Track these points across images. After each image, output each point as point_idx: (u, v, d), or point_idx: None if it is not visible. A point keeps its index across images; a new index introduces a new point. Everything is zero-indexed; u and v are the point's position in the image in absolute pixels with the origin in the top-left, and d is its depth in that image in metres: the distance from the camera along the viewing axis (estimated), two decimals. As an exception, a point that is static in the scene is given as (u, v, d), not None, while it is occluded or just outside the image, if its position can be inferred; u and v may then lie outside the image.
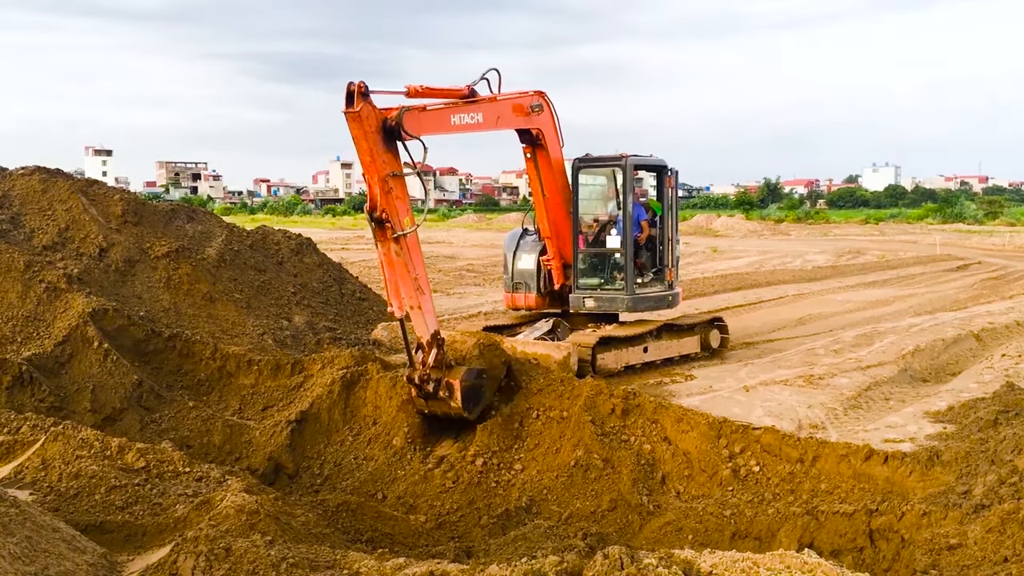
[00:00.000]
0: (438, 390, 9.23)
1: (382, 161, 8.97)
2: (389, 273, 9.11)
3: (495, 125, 11.41)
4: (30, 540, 5.30)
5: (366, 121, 8.87)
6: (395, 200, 8.96)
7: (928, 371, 13.16)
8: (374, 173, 8.88)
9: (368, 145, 8.89)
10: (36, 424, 8.70)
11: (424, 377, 9.19)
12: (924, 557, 6.23)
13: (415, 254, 9.19)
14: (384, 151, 9.04)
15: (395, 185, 9.03)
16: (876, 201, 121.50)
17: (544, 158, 12.69)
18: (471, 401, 9.41)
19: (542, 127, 12.33)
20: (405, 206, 9.09)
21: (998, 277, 27.01)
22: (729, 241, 47.34)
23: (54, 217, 14.36)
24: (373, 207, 8.90)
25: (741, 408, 10.46)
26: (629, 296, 12.99)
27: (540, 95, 12.19)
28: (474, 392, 9.50)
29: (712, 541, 7.33)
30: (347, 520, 7.73)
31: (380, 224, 8.94)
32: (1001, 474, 7.04)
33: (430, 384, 9.20)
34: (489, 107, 11.17)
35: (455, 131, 10.59)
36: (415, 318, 9.12)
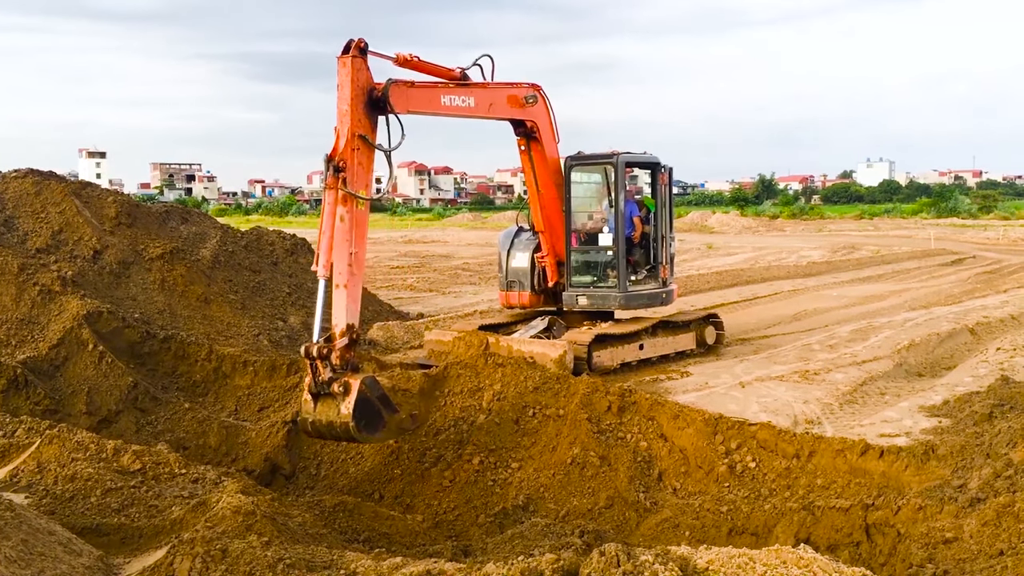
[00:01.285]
0: (332, 383, 8.18)
1: (357, 119, 8.83)
2: (326, 226, 8.57)
3: (487, 112, 11.36)
4: (26, 543, 5.29)
5: (355, 72, 8.82)
6: (357, 163, 8.71)
7: (923, 365, 13.18)
8: (346, 125, 8.74)
9: (351, 94, 8.78)
10: (31, 427, 8.67)
11: (323, 355, 8.17)
12: (920, 551, 6.24)
13: (360, 229, 8.77)
14: (363, 113, 8.93)
15: (362, 149, 8.81)
16: (870, 196, 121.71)
17: (539, 152, 12.66)
18: (364, 416, 8.17)
19: (536, 120, 12.30)
20: (365, 176, 8.84)
21: (992, 271, 27.07)
22: (724, 238, 47.37)
23: (48, 220, 14.34)
24: (334, 154, 8.63)
25: (737, 404, 10.48)
26: (622, 293, 13.00)
27: (535, 87, 12.18)
28: (370, 409, 8.26)
29: (709, 537, 7.33)
30: (344, 520, 7.72)
31: (336, 171, 8.59)
32: (996, 468, 7.05)
33: (327, 371, 8.18)
34: (483, 92, 11.10)
35: (444, 112, 10.53)
36: (337, 298, 8.51)
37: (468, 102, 10.75)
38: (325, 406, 8.26)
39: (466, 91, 10.75)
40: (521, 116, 12.11)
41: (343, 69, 8.83)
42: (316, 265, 8.55)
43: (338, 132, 8.79)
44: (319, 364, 8.22)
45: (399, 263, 31.48)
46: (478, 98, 10.97)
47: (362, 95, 8.91)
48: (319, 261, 8.51)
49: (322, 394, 8.27)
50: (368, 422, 8.27)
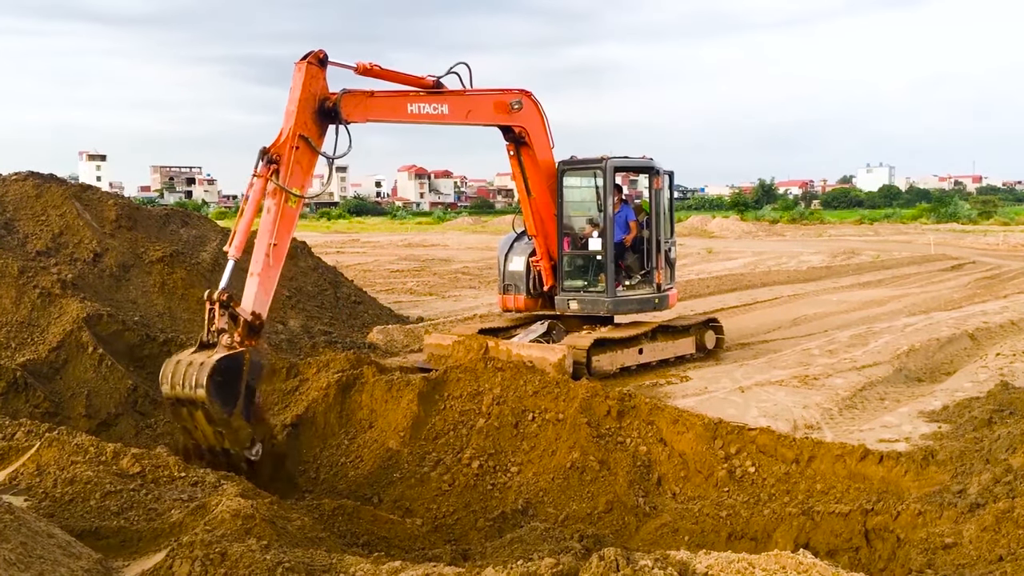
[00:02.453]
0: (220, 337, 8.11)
1: (302, 121, 8.93)
2: (248, 213, 8.54)
3: (465, 119, 11.37)
4: (25, 546, 5.29)
5: (308, 79, 8.95)
6: (295, 162, 8.77)
7: (923, 371, 13.18)
8: (289, 124, 8.84)
9: (300, 96, 8.90)
10: (31, 430, 8.66)
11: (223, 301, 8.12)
12: (920, 556, 6.24)
13: (285, 225, 8.73)
14: (312, 119, 9.04)
15: (303, 149, 8.87)
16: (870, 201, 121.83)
17: (529, 157, 12.66)
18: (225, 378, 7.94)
19: (526, 125, 12.28)
20: (301, 176, 8.89)
21: (992, 276, 27.07)
22: (724, 242, 47.39)
23: (48, 222, 14.34)
24: (271, 147, 8.71)
25: (737, 409, 10.48)
26: (610, 299, 12.99)
27: (524, 93, 12.16)
28: (234, 380, 8.03)
29: (708, 542, 7.33)
30: (343, 524, 7.72)
31: (269, 161, 8.65)
32: (996, 473, 7.05)
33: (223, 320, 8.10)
34: (458, 100, 11.08)
35: (412, 120, 10.59)
36: (249, 285, 8.47)
37: (440, 109, 10.77)
38: (202, 354, 8.05)
39: (438, 99, 10.76)
40: (508, 122, 12.10)
41: (297, 74, 9.00)
42: (229, 246, 8.56)
43: (282, 127, 8.91)
44: (216, 310, 8.16)
45: (399, 267, 31.49)
46: (453, 105, 10.98)
47: (312, 100, 9.05)
48: (231, 243, 8.51)
49: (210, 344, 8.17)
50: (225, 385, 7.96)
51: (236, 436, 8.20)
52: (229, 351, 8.08)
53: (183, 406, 8.19)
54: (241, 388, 8.16)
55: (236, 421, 8.17)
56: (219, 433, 8.17)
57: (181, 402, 8.17)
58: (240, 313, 8.27)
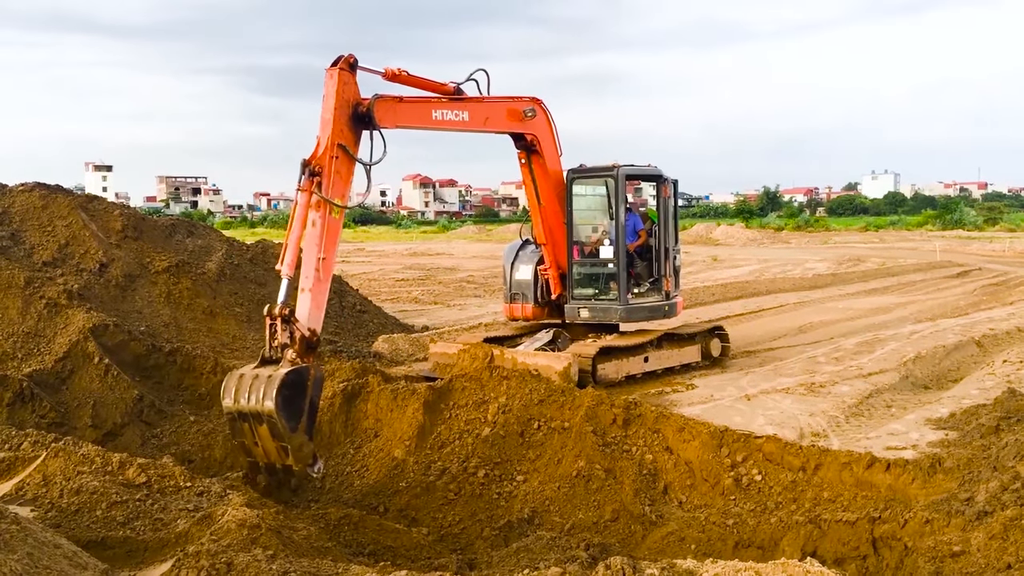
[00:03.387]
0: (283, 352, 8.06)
1: (339, 129, 8.89)
2: (296, 228, 8.49)
3: (483, 126, 11.38)
4: (31, 556, 5.29)
5: (344, 86, 8.91)
6: (335, 172, 8.72)
7: (929, 378, 13.15)
8: (326, 133, 8.81)
9: (335, 104, 8.86)
10: (37, 440, 8.69)
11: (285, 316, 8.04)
12: (927, 565, 6.21)
13: (331, 237, 8.70)
14: (346, 125, 8.99)
15: (342, 158, 8.84)
16: (876, 208, 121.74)
17: (540, 165, 12.68)
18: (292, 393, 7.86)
19: (537, 133, 12.31)
20: (342, 186, 8.85)
21: (999, 283, 27.01)
22: (729, 250, 47.36)
23: (54, 233, 14.39)
24: (311, 159, 8.66)
25: (743, 417, 10.46)
26: (623, 306, 12.99)
27: (535, 101, 12.19)
28: (300, 396, 7.95)
29: (715, 551, 7.31)
30: (349, 533, 7.71)
31: (311, 174, 8.58)
32: (1004, 480, 7.02)
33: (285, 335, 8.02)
34: (477, 107, 11.11)
35: (435, 127, 10.57)
36: (301, 301, 8.38)
37: (462, 116, 10.78)
38: (265, 368, 7.96)
39: (460, 105, 10.78)
40: (520, 129, 12.12)
41: (329, 80, 8.96)
42: (280, 264, 8.49)
43: (319, 138, 8.88)
44: (279, 324, 8.08)
45: (404, 276, 31.52)
46: (472, 112, 11.00)
47: (346, 107, 9.00)
48: (283, 260, 8.44)
49: (272, 360, 8.10)
50: (292, 400, 7.85)
51: (300, 452, 8.08)
52: (294, 365, 7.99)
53: (245, 421, 8.04)
54: (306, 404, 8.08)
55: (300, 437, 8.07)
56: (282, 449, 8.00)
57: (244, 416, 8.02)
58: (297, 329, 8.18)
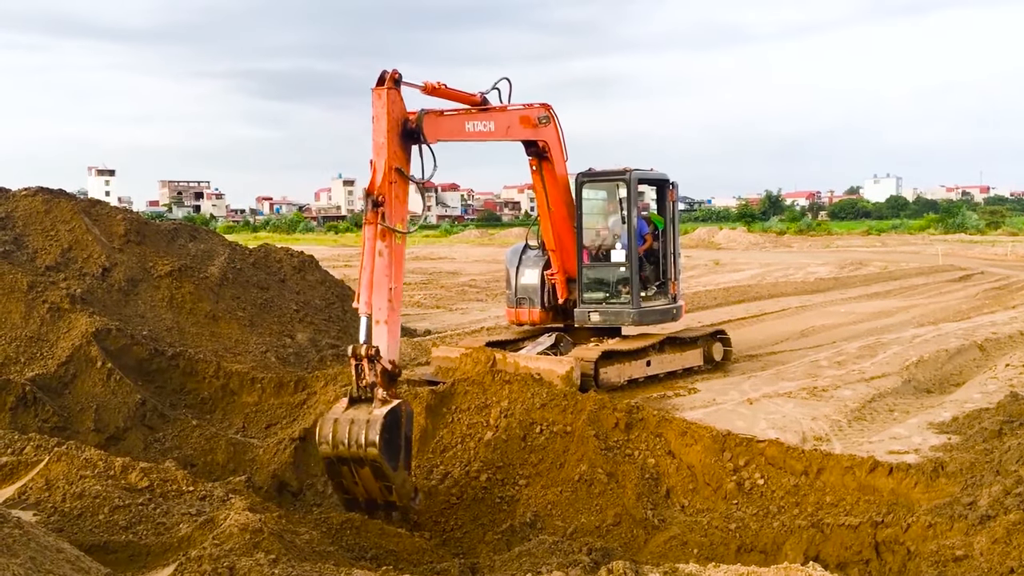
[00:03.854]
0: (373, 390, 8.09)
1: (393, 152, 8.78)
2: (367, 262, 8.52)
3: (505, 135, 11.40)
4: (34, 561, 5.30)
5: (391, 104, 8.76)
6: (395, 197, 8.68)
7: (932, 382, 13.13)
8: (382, 157, 8.68)
9: (387, 126, 8.72)
10: (40, 444, 8.70)
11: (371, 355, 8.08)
12: (930, 569, 6.21)
13: (396, 261, 8.71)
14: (399, 145, 8.89)
15: (399, 182, 8.78)
16: (878, 212, 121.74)
17: (549, 171, 12.72)
18: (390, 434, 7.94)
19: (548, 140, 12.36)
20: (402, 208, 8.82)
21: (1001, 287, 26.97)
22: (731, 254, 47.35)
23: (57, 237, 14.41)
24: (372, 189, 8.59)
25: (745, 421, 10.45)
26: (635, 310, 13.01)
27: (546, 107, 12.23)
28: (397, 434, 8.03)
29: (717, 555, 7.31)
30: (351, 537, 7.71)
31: (375, 205, 8.55)
32: (1006, 485, 7.02)
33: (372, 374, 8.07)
34: (501, 116, 11.15)
35: (468, 138, 10.53)
36: (378, 334, 8.36)
37: (489, 126, 10.77)
38: (357, 409, 8.03)
39: (487, 116, 10.78)
40: (534, 136, 12.14)
41: (379, 101, 8.74)
42: (357, 302, 8.52)
43: (375, 165, 8.73)
44: (364, 365, 8.11)
45: (406, 280, 31.35)
46: (497, 122, 11.02)
47: (397, 127, 8.85)
48: (360, 298, 8.46)
49: (361, 399, 8.13)
50: (391, 440, 7.94)
51: (403, 488, 8.18)
52: (386, 404, 8.02)
53: (345, 464, 8.10)
54: (402, 440, 8.15)
55: (402, 474, 8.15)
56: (385, 488, 8.08)
57: (344, 461, 8.08)
58: (382, 366, 8.20)
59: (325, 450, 8.14)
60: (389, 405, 8.02)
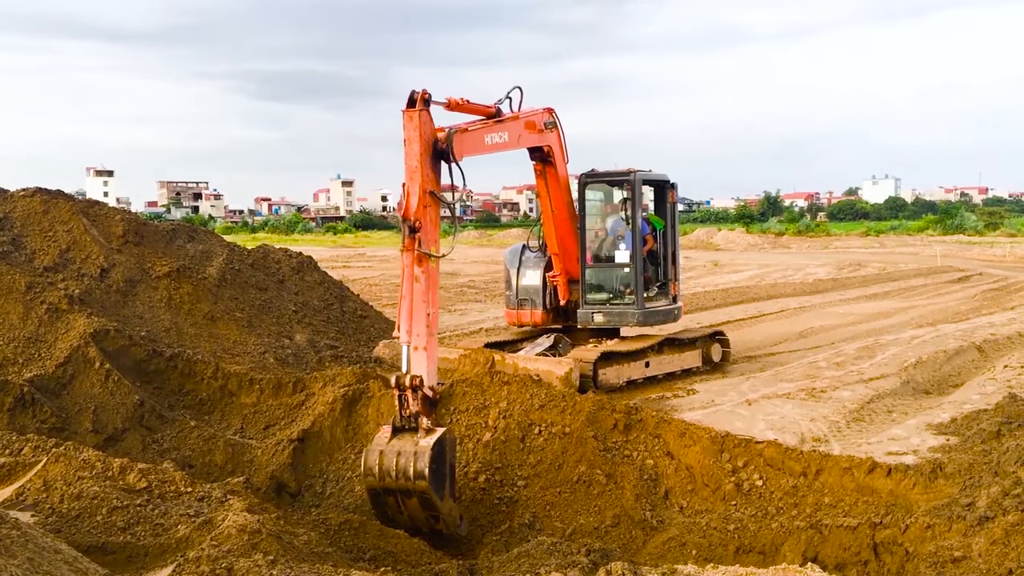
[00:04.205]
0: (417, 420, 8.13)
1: (427, 175, 8.67)
2: (406, 290, 8.51)
3: (516, 144, 11.30)
4: (32, 562, 5.29)
5: (424, 126, 8.64)
6: (429, 220, 8.59)
7: (930, 383, 13.15)
8: (416, 182, 8.56)
9: (420, 149, 8.58)
10: (38, 445, 8.69)
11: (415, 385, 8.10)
12: (928, 570, 6.21)
13: (433, 287, 8.64)
14: (431, 168, 8.78)
15: (432, 205, 8.68)
16: (876, 213, 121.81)
17: (553, 175, 12.72)
18: (437, 463, 7.94)
19: (552, 144, 12.34)
20: (436, 232, 8.72)
21: (999, 288, 27.00)
22: (730, 255, 47.37)
23: (55, 238, 14.39)
24: (408, 214, 8.49)
25: (743, 422, 10.45)
26: (639, 310, 13.03)
27: (550, 112, 12.20)
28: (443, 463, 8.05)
29: (716, 556, 7.30)
30: (350, 538, 7.71)
31: (412, 231, 8.45)
32: (1005, 486, 7.02)
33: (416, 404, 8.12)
34: (512, 125, 11.05)
35: (486, 151, 10.39)
36: (416, 360, 8.33)
37: (503, 137, 10.67)
38: (402, 440, 8.03)
39: (501, 127, 10.67)
40: (539, 142, 12.09)
41: (410, 124, 8.59)
42: (398, 331, 8.50)
43: (408, 190, 8.61)
44: (408, 395, 8.11)
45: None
46: (510, 132, 10.92)
47: (429, 149, 8.73)
48: (400, 328, 8.44)
49: (404, 430, 8.14)
50: (438, 470, 7.94)
51: (450, 516, 8.19)
52: (430, 433, 8.01)
53: (391, 495, 8.07)
54: (447, 469, 8.16)
55: (448, 502, 8.15)
56: (431, 517, 8.08)
57: (390, 492, 8.05)
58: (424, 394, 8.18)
59: (371, 482, 8.10)
60: (435, 435, 8.02)
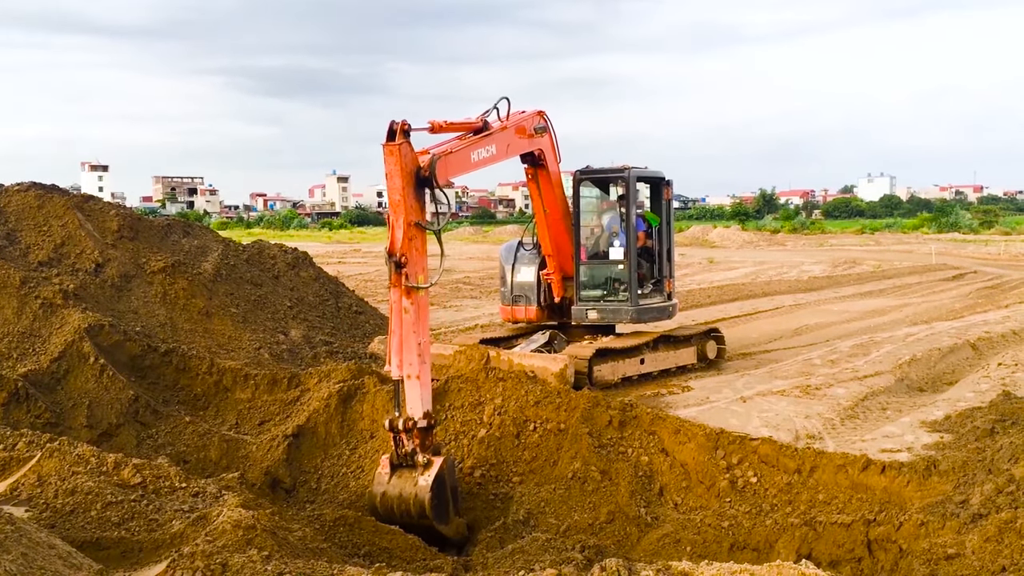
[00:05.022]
0: (415, 456, 8.20)
1: (410, 205, 8.52)
2: (395, 325, 8.44)
3: (506, 154, 11.10)
4: (26, 557, 5.29)
5: (404, 159, 8.46)
6: (415, 250, 8.48)
7: (925, 381, 13.18)
8: (400, 215, 8.42)
9: (402, 183, 8.42)
10: (32, 440, 8.67)
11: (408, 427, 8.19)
12: (922, 567, 6.22)
13: (423, 314, 8.56)
14: (414, 196, 8.62)
15: (417, 236, 8.56)
16: (871, 211, 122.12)
17: (545, 177, 12.67)
18: (438, 496, 8.11)
19: (543, 148, 12.26)
20: (423, 262, 8.62)
21: (994, 286, 27.07)
22: (725, 252, 47.42)
23: (50, 233, 14.36)
24: (393, 250, 8.35)
25: (738, 419, 10.47)
26: (633, 307, 13.02)
27: (541, 115, 12.09)
28: (443, 492, 8.20)
29: (710, 553, 7.31)
30: (344, 534, 7.71)
31: (398, 267, 8.36)
32: (998, 483, 7.04)
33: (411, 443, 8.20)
34: (500, 137, 10.82)
35: (475, 168, 10.27)
36: (410, 388, 8.33)
37: (491, 151, 10.48)
38: (401, 479, 8.22)
39: (488, 141, 10.45)
40: (530, 148, 11.91)
41: (390, 158, 8.43)
42: (389, 365, 8.49)
43: (392, 224, 8.49)
44: (403, 436, 8.23)
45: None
46: (498, 144, 10.71)
47: (411, 180, 8.58)
48: (391, 361, 8.43)
49: (402, 466, 8.28)
50: (439, 504, 8.15)
51: (456, 534, 8.40)
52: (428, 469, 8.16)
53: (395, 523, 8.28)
54: (449, 493, 8.31)
55: (453, 524, 8.36)
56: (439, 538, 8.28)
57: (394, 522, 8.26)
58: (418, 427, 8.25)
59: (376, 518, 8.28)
60: (433, 469, 8.14)
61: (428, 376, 8.54)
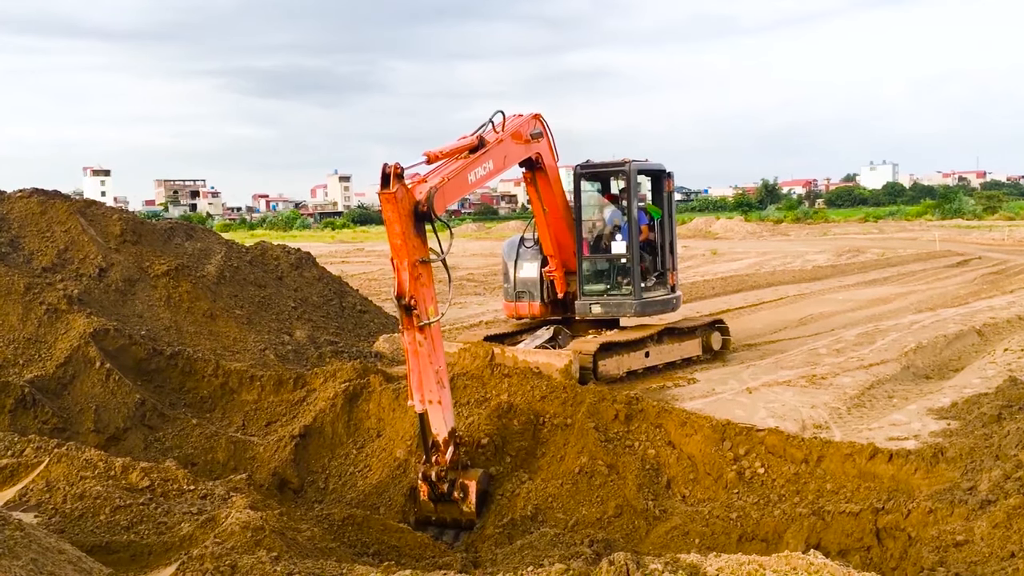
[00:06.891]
0: (452, 491, 8.61)
1: (412, 245, 8.52)
2: (412, 363, 8.54)
3: (504, 165, 11.01)
4: (36, 562, 5.30)
5: (401, 203, 8.44)
6: (422, 287, 8.49)
7: (931, 368, 13.15)
8: (404, 257, 8.42)
9: (401, 228, 8.41)
10: (40, 446, 8.69)
11: (440, 475, 8.57)
12: (931, 555, 6.22)
13: (437, 344, 8.64)
14: (414, 235, 8.62)
15: (423, 271, 8.57)
16: (875, 199, 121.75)
17: (543, 178, 12.61)
18: (483, 506, 8.75)
19: (541, 152, 12.19)
20: (431, 293, 8.66)
21: (999, 272, 27.00)
22: (729, 243, 47.35)
23: (53, 238, 14.38)
24: (401, 293, 8.37)
25: (744, 410, 10.46)
26: (637, 301, 13.01)
27: (537, 118, 12.01)
28: (485, 497, 8.84)
29: (719, 544, 7.32)
30: (353, 533, 7.72)
31: (408, 311, 8.40)
32: (1006, 469, 7.03)
33: (445, 483, 8.59)
34: (496, 152, 10.64)
35: (473, 188, 10.27)
36: (433, 413, 8.51)
37: (488, 167, 10.36)
38: (446, 508, 8.76)
39: (484, 158, 10.29)
40: (527, 154, 11.80)
41: (388, 205, 8.42)
42: (411, 400, 8.67)
43: (397, 267, 8.48)
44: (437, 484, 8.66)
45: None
46: (495, 159, 10.57)
47: (410, 220, 8.59)
48: (413, 396, 8.61)
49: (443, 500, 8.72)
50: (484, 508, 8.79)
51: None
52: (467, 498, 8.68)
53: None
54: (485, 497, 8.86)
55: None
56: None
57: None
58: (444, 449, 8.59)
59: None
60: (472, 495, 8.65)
61: (449, 398, 8.76)
